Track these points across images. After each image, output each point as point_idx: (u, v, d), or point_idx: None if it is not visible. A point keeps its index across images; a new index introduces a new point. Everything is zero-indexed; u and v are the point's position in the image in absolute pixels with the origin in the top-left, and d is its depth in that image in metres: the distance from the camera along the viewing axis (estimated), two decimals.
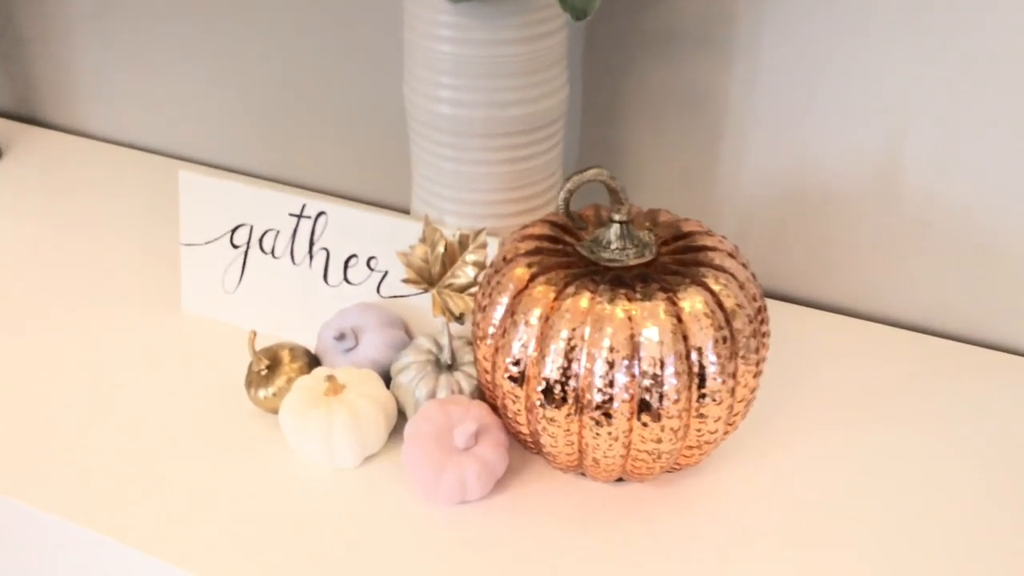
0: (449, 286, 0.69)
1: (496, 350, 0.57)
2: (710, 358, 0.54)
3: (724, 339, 0.54)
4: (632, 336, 0.54)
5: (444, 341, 0.65)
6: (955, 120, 0.70)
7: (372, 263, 0.71)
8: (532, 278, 0.57)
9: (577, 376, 0.54)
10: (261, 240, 0.74)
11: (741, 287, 0.57)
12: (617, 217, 0.58)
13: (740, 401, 0.57)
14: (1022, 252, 0.72)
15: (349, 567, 0.57)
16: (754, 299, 0.58)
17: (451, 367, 0.65)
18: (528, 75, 0.64)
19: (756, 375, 0.57)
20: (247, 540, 0.58)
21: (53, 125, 1.09)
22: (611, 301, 0.54)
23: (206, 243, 0.76)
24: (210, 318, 0.77)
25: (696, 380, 0.54)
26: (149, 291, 0.80)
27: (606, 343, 0.53)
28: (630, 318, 0.54)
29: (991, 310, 0.75)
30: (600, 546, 0.58)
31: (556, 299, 0.55)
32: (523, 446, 0.61)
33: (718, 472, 0.63)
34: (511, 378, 0.56)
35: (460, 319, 0.69)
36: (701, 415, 0.55)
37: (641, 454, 0.56)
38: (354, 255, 0.71)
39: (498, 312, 0.58)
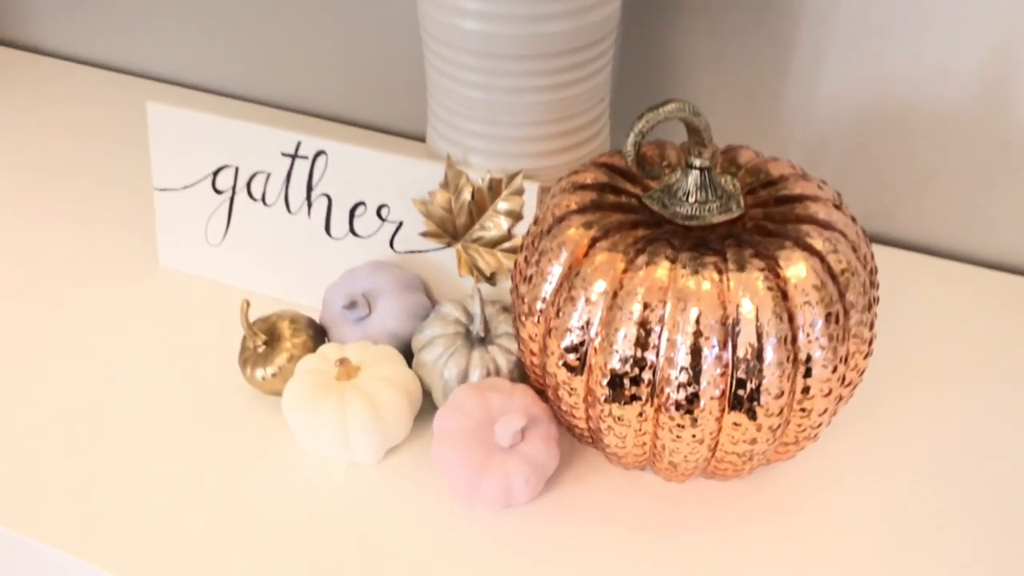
0: (478, 240, 0.58)
1: (548, 331, 0.47)
2: (820, 341, 0.43)
3: (836, 316, 0.44)
4: (724, 316, 0.43)
5: (475, 309, 0.54)
6: None
7: (383, 212, 0.59)
8: (592, 242, 0.46)
9: (653, 366, 0.43)
10: (249, 184, 0.62)
11: (853, 248, 0.46)
12: (698, 163, 0.46)
13: (848, 386, 0.47)
14: None
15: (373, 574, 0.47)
16: (866, 262, 0.47)
17: (484, 340, 0.55)
18: None
19: (867, 355, 0.47)
20: (248, 548, 0.48)
21: (3, 41, 0.95)
22: (696, 272, 0.43)
23: (184, 188, 0.64)
24: (193, 275, 0.65)
25: (802, 369, 0.44)
26: (123, 244, 0.68)
27: (691, 325, 0.43)
28: (721, 293, 0.43)
29: None
30: (670, 557, 0.48)
31: (625, 270, 0.44)
32: (576, 438, 0.51)
33: (809, 462, 0.53)
34: (567, 366, 0.46)
35: (492, 280, 0.58)
36: (804, 409, 0.45)
37: (729, 456, 0.46)
38: (361, 203, 0.60)
39: (549, 284, 0.47)
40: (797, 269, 0.43)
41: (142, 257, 0.67)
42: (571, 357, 0.45)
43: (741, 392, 0.43)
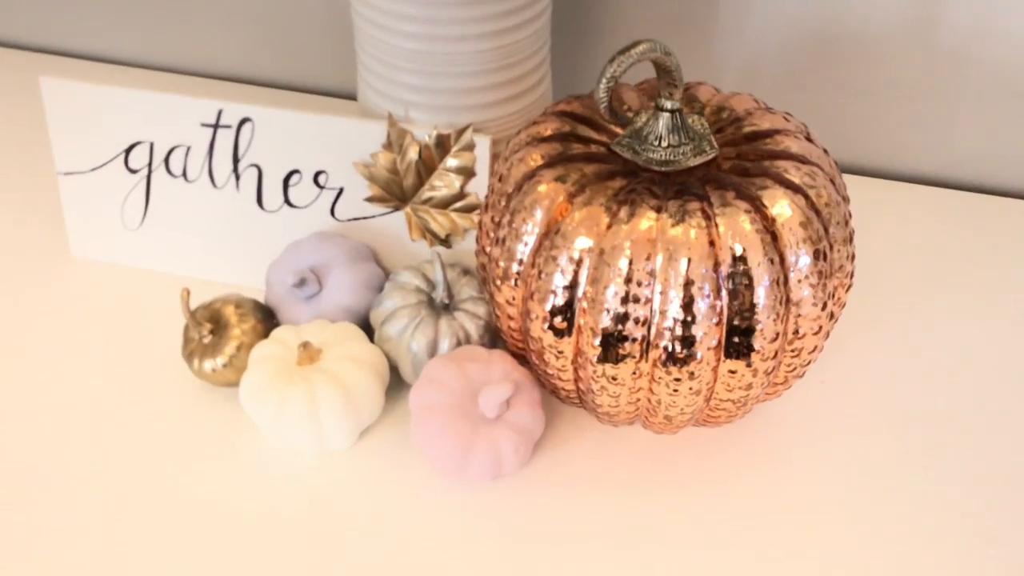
0: (428, 201, 0.55)
1: (529, 295, 0.44)
2: (810, 279, 0.43)
3: (823, 253, 0.43)
4: (716, 264, 0.41)
5: (437, 275, 0.51)
6: None
7: (321, 179, 0.55)
8: (570, 197, 0.43)
9: (647, 322, 0.42)
10: (167, 160, 0.57)
11: (831, 180, 0.45)
12: (670, 105, 0.44)
13: (833, 321, 0.46)
14: None
15: (370, 568, 0.45)
16: (842, 194, 0.46)
17: (448, 307, 0.52)
18: None
19: (848, 288, 0.46)
20: (227, 550, 0.45)
21: None
22: (682, 220, 0.42)
23: (92, 169, 0.58)
24: (110, 262, 0.60)
25: (793, 310, 0.43)
26: (26, 235, 0.62)
27: (682, 276, 0.41)
28: (712, 239, 0.41)
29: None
30: (667, 509, 0.48)
31: (609, 224, 0.42)
32: (561, 400, 0.49)
33: (794, 398, 0.52)
34: (554, 329, 0.44)
35: (447, 242, 0.55)
36: (794, 349, 0.44)
37: (724, 404, 0.45)
38: (296, 171, 0.55)
39: (525, 245, 0.44)
40: (782, 207, 0.42)
41: (50, 248, 0.61)
42: (557, 320, 0.43)
43: (737, 340, 0.42)
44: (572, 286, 0.43)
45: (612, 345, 0.43)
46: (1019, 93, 0.63)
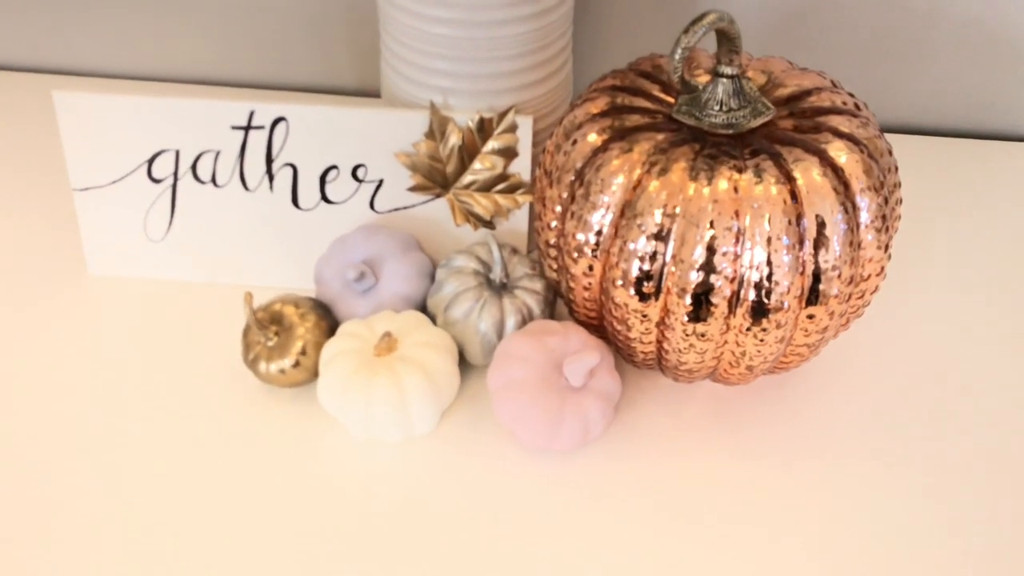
0: (470, 185, 0.55)
1: (608, 264, 0.46)
2: (875, 223, 0.46)
3: (885, 198, 0.46)
4: (799, 216, 0.44)
5: (495, 256, 0.52)
6: None
7: (360, 173, 0.55)
8: (647, 167, 0.45)
9: (735, 278, 0.44)
10: (194, 166, 0.56)
11: (878, 132, 0.48)
12: (729, 71, 0.46)
13: (889, 260, 0.49)
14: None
15: (475, 543, 0.46)
16: (886, 144, 0.49)
17: (506, 286, 0.53)
18: None
19: (896, 230, 0.50)
20: (333, 547, 0.45)
21: None
22: (760, 178, 0.44)
23: (111, 183, 0.56)
24: (133, 277, 0.59)
25: (862, 252, 0.46)
26: (42, 257, 0.60)
27: (767, 231, 0.44)
28: (793, 192, 0.44)
29: (1001, 100, 0.71)
30: (748, 454, 0.50)
31: (692, 189, 0.44)
32: (636, 364, 0.51)
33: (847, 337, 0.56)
34: (640, 294, 0.46)
35: (491, 224, 0.56)
36: (860, 290, 0.48)
37: (800, 348, 0.48)
38: (333, 167, 0.55)
39: (600, 216, 0.46)
40: (848, 158, 0.45)
41: (66, 265, 0.59)
42: (645, 285, 0.45)
43: (819, 286, 0.45)
44: (658, 251, 0.45)
45: (702, 304, 0.45)
46: (990, 40, 0.68)
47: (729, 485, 0.49)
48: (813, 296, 0.45)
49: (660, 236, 0.45)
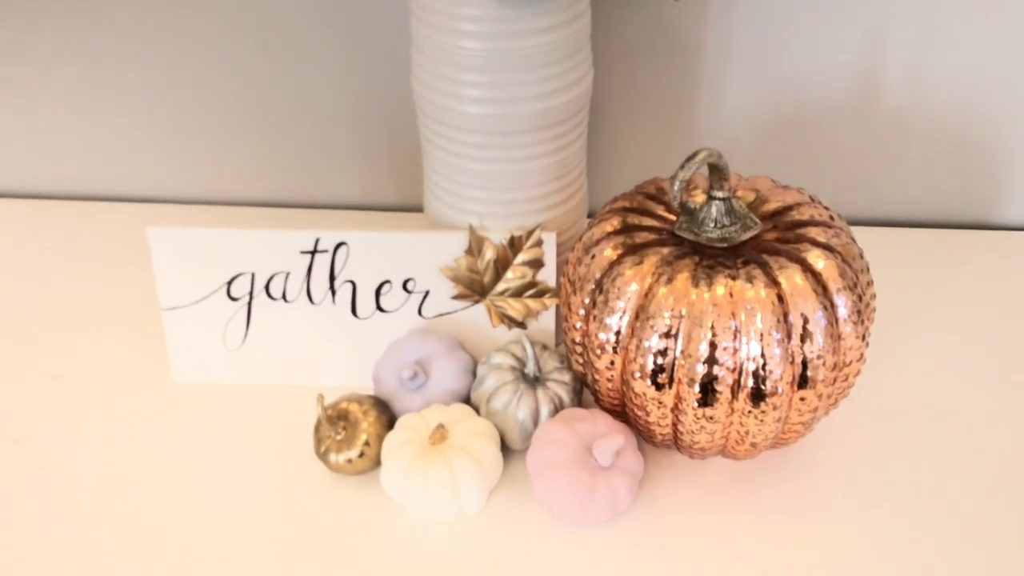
0: (503, 292, 0.64)
1: (627, 359, 0.54)
2: (852, 317, 0.54)
3: (859, 295, 0.54)
4: (786, 314, 0.52)
5: (528, 352, 0.61)
6: (924, 33, 0.72)
7: (409, 285, 0.64)
8: (655, 277, 0.54)
9: (736, 368, 0.52)
10: (267, 286, 0.65)
11: (851, 238, 0.57)
12: (720, 194, 0.55)
13: (867, 347, 0.57)
14: (990, 142, 0.77)
15: None
16: (858, 248, 0.58)
17: (539, 379, 0.61)
18: (567, 59, 0.58)
19: (872, 321, 0.58)
20: None
21: None
22: (751, 282, 0.52)
23: (195, 302, 0.66)
24: (212, 383, 0.67)
25: (840, 342, 0.54)
26: (122, 368, 0.69)
27: (759, 327, 0.52)
28: (779, 295, 0.52)
29: (969, 195, 0.80)
30: (762, 518, 0.58)
31: (695, 294, 0.53)
32: (652, 444, 0.59)
33: (841, 414, 0.63)
34: (656, 384, 0.54)
35: (523, 324, 0.65)
36: (844, 374, 0.56)
37: (796, 426, 0.56)
38: (387, 281, 0.64)
39: (618, 319, 0.54)
40: (824, 264, 0.54)
41: (150, 375, 0.68)
42: (659, 376, 0.54)
43: (806, 372, 0.53)
44: (669, 348, 0.53)
45: (709, 391, 0.53)
46: (951, 143, 0.78)
47: (744, 547, 0.56)
48: (803, 381, 0.53)
49: (670, 335, 0.53)
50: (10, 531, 0.58)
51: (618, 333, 0.55)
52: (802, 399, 0.54)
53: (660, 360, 0.53)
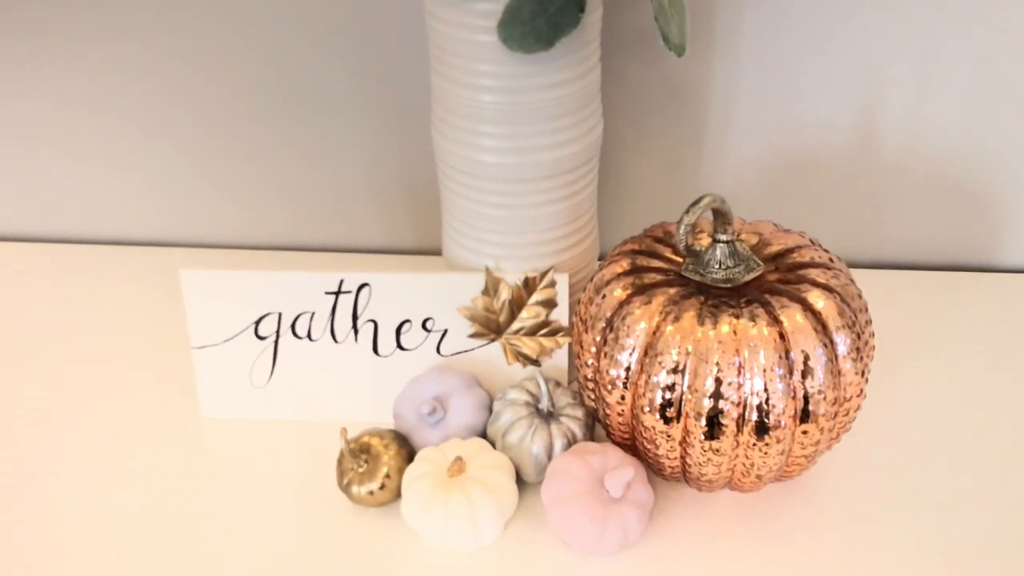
0: (518, 331, 0.67)
1: (637, 394, 0.57)
2: (851, 355, 0.57)
3: (857, 334, 0.57)
4: (787, 351, 0.55)
5: (542, 389, 0.64)
6: (921, 80, 0.76)
7: (428, 324, 0.67)
8: (663, 316, 0.57)
9: (741, 403, 0.55)
10: (293, 325, 0.68)
11: (850, 279, 0.59)
12: (724, 237, 0.58)
13: (867, 383, 0.60)
14: (989, 184, 0.80)
15: None
16: (857, 288, 0.60)
17: (552, 415, 0.64)
18: (579, 111, 0.62)
19: (872, 358, 0.61)
20: None
21: None
22: (754, 322, 0.55)
23: (224, 342, 0.69)
24: (239, 419, 0.70)
25: (841, 378, 0.57)
26: (151, 404, 0.72)
27: (762, 363, 0.55)
28: (781, 333, 0.55)
29: (964, 238, 0.83)
30: (768, 550, 0.60)
31: (700, 332, 0.55)
32: (662, 476, 0.61)
33: (843, 448, 0.66)
34: (664, 418, 0.56)
35: (537, 362, 0.67)
36: (845, 409, 0.58)
37: (799, 459, 0.58)
38: (407, 320, 0.67)
39: (628, 355, 0.57)
40: (824, 304, 0.56)
41: (179, 411, 0.71)
42: (668, 411, 0.56)
43: (808, 407, 0.55)
44: (676, 383, 0.56)
45: (715, 425, 0.55)
46: (949, 188, 0.81)
47: (759, 572, 0.58)
48: (805, 415, 0.56)
49: (677, 371, 0.56)
50: (47, 554, 0.60)
51: (628, 369, 0.57)
52: (804, 432, 0.56)
53: (668, 395, 0.56)
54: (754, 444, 0.56)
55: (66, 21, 0.79)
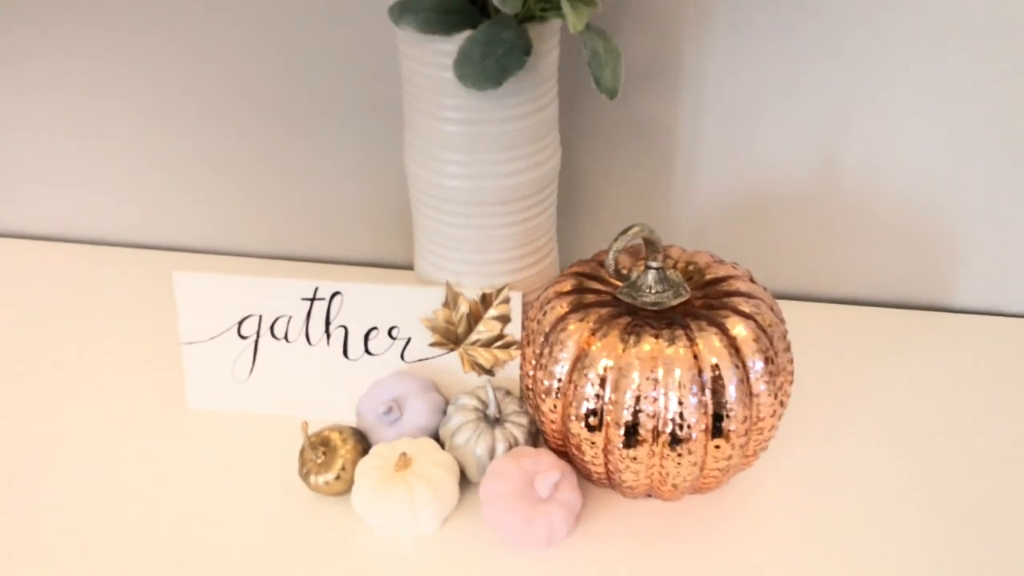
0: (475, 343, 0.73)
1: (567, 403, 0.62)
2: (764, 378, 0.61)
3: (771, 359, 0.62)
4: (700, 371, 0.60)
5: (490, 397, 0.69)
6: (879, 125, 0.80)
7: (394, 332, 0.73)
8: (593, 332, 0.62)
9: (655, 415, 0.60)
10: (272, 327, 0.74)
11: (771, 308, 0.64)
12: (655, 264, 0.64)
13: (783, 407, 0.65)
14: (943, 227, 0.84)
15: None
16: (780, 316, 0.65)
17: (499, 420, 0.69)
18: (533, 143, 0.68)
19: (791, 383, 0.65)
20: None
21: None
22: (672, 342, 0.60)
23: (210, 339, 0.75)
24: (221, 411, 0.77)
25: (755, 399, 0.61)
26: (142, 394, 0.79)
27: (677, 381, 0.60)
28: (695, 355, 0.60)
29: (919, 277, 0.87)
30: (683, 557, 0.64)
31: (624, 349, 0.61)
32: (592, 482, 0.66)
33: (763, 466, 0.70)
34: (588, 427, 0.62)
35: (491, 372, 0.73)
36: (759, 428, 0.63)
37: (713, 472, 0.63)
38: (374, 327, 0.74)
39: (560, 368, 0.62)
40: (740, 329, 0.61)
41: (167, 402, 0.78)
42: (591, 419, 0.61)
43: (719, 424, 0.60)
44: (600, 395, 0.61)
45: (632, 435, 0.60)
46: (901, 229, 0.85)
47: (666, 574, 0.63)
48: (716, 431, 0.60)
49: (602, 383, 0.61)
50: (39, 529, 0.67)
51: (560, 380, 0.63)
52: (717, 447, 0.61)
53: (593, 405, 0.61)
54: (667, 454, 0.61)
55: (58, 40, 0.87)
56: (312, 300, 0.74)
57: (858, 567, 0.64)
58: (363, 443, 0.70)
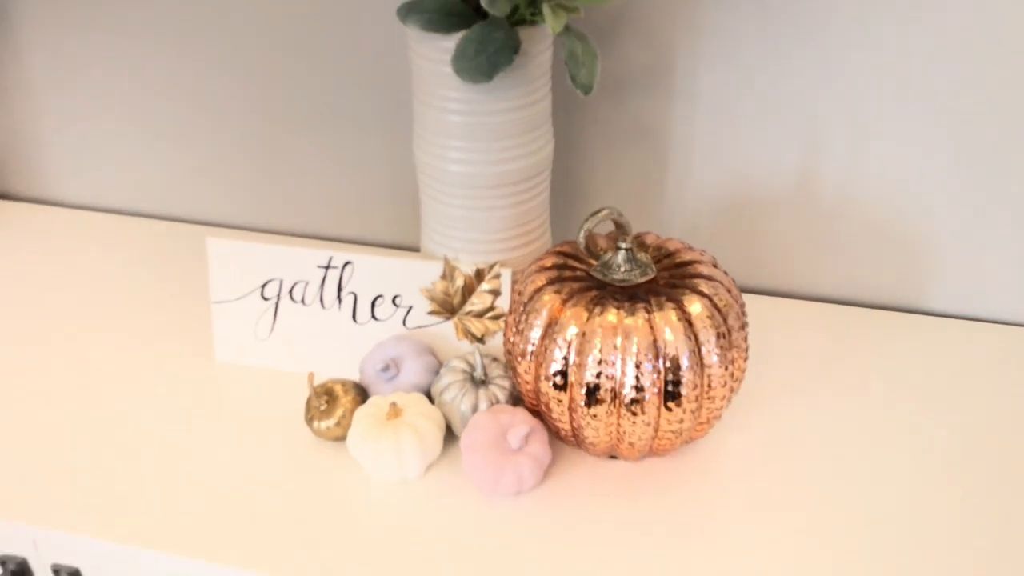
0: (468, 313, 0.81)
1: (539, 364, 0.70)
2: (715, 351, 0.68)
3: (723, 334, 0.69)
4: (655, 340, 0.67)
5: (477, 361, 0.77)
6: (859, 134, 0.87)
7: (397, 300, 0.82)
8: (564, 303, 0.69)
9: (614, 378, 0.67)
10: (291, 291, 0.83)
11: (728, 290, 0.71)
12: (624, 245, 0.71)
13: (736, 380, 0.71)
14: (919, 233, 0.90)
15: (436, 558, 0.68)
16: (737, 299, 0.72)
17: (484, 382, 0.77)
18: (526, 134, 0.76)
19: (745, 359, 0.72)
20: (341, 547, 0.69)
21: (17, 197, 1.14)
22: (633, 314, 0.67)
23: (237, 299, 0.85)
24: (245, 365, 0.86)
25: (706, 370, 0.68)
26: (177, 349, 0.88)
27: (634, 348, 0.67)
28: (651, 326, 0.67)
29: (895, 281, 0.92)
30: (638, 514, 0.71)
31: (589, 318, 0.68)
32: (561, 440, 0.74)
33: (717, 436, 0.77)
34: (555, 386, 0.69)
35: (482, 340, 0.81)
36: (710, 396, 0.69)
37: (667, 434, 0.70)
38: (380, 295, 0.82)
39: (535, 333, 0.70)
40: (695, 307, 0.68)
41: (198, 356, 0.87)
42: (557, 379, 0.69)
43: (670, 389, 0.67)
44: (567, 357, 0.68)
45: (593, 394, 0.68)
46: (879, 233, 0.90)
47: (623, 524, 0.70)
48: (668, 395, 0.67)
49: (568, 348, 0.68)
50: (87, 452, 0.77)
51: (534, 344, 0.70)
52: (669, 410, 0.68)
53: (560, 367, 0.69)
54: (624, 414, 0.68)
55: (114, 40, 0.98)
56: (327, 268, 0.82)
57: (795, 534, 0.70)
58: (363, 396, 0.78)
